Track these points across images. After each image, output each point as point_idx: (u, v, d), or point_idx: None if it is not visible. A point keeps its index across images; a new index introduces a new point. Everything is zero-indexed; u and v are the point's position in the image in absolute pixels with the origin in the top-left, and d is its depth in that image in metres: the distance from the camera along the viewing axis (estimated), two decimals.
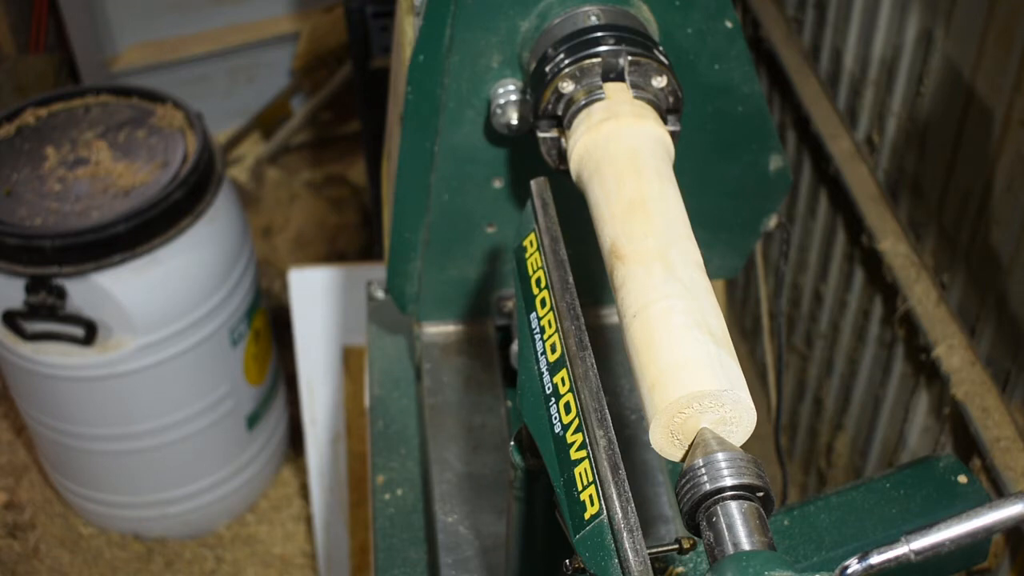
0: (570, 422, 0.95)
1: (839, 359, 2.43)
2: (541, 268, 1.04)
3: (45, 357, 2.59)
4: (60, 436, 2.84)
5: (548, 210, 1.08)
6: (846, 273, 2.36)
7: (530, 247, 1.08)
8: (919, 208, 2.06)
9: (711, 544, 0.85)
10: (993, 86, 1.76)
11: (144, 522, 3.08)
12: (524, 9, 1.26)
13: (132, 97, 2.76)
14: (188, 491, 3.00)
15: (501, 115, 1.31)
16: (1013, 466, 1.76)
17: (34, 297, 2.47)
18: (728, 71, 1.34)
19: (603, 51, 1.20)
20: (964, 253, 1.91)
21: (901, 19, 2.02)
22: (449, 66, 1.29)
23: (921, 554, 0.77)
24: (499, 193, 1.42)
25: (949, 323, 1.95)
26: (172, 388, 2.74)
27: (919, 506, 1.24)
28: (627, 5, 1.27)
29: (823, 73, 2.39)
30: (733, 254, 1.59)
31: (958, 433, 1.94)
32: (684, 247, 1.03)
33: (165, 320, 2.60)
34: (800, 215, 2.55)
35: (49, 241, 2.41)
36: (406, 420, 1.65)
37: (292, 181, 4.00)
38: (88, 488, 3.02)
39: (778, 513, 1.23)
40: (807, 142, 2.46)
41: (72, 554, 3.11)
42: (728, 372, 0.91)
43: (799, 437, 2.70)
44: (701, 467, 0.87)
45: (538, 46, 1.26)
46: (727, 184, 1.46)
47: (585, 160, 1.16)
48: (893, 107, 2.10)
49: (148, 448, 2.83)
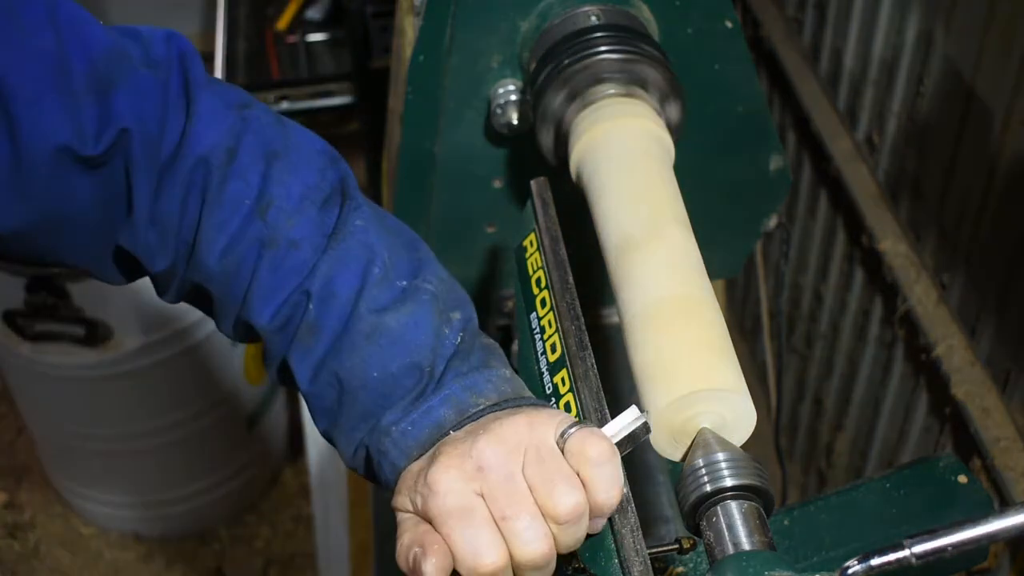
0: None
1: (839, 359, 2.43)
2: (541, 268, 1.04)
3: (45, 357, 2.59)
4: (60, 436, 2.84)
5: (548, 210, 1.08)
6: (846, 273, 2.36)
7: (530, 247, 1.08)
8: (919, 208, 2.06)
9: (711, 544, 0.85)
10: (993, 86, 1.76)
11: (144, 522, 3.08)
12: (524, 9, 1.27)
13: None
14: (188, 491, 3.00)
15: (501, 115, 1.31)
16: (1013, 466, 1.76)
17: (34, 297, 2.47)
18: (728, 71, 1.34)
19: (603, 51, 1.20)
20: (964, 253, 1.91)
21: (901, 19, 2.02)
22: (449, 66, 1.29)
23: (923, 558, 0.77)
24: (499, 193, 1.42)
25: (949, 323, 1.95)
26: (172, 388, 2.74)
27: (919, 506, 1.24)
28: (627, 5, 1.27)
29: (823, 73, 2.39)
30: (733, 254, 1.59)
31: (958, 433, 1.93)
32: (684, 247, 1.03)
33: (165, 320, 2.60)
34: (800, 215, 2.55)
35: None
36: None
37: None
38: (88, 488, 3.02)
39: (778, 513, 1.23)
40: (807, 142, 2.46)
41: (72, 554, 3.11)
42: (728, 372, 0.92)
43: (799, 437, 2.70)
44: (701, 467, 0.87)
45: (538, 46, 1.26)
46: (727, 184, 1.46)
47: (585, 160, 1.16)
48: (893, 107, 2.10)
49: (148, 448, 2.83)
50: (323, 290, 0.92)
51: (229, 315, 0.98)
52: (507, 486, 0.80)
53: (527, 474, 0.81)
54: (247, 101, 0.98)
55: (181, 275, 0.99)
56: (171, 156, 0.94)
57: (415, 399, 0.89)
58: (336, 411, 0.93)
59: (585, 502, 0.81)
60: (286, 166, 0.95)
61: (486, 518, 0.80)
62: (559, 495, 0.79)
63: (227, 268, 0.94)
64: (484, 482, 0.81)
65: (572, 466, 0.81)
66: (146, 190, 0.94)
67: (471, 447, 0.82)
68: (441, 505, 0.81)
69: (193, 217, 0.94)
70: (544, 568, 0.81)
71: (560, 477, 0.80)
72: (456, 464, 0.82)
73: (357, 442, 0.92)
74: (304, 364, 0.93)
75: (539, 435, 0.82)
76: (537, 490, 0.80)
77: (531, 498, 0.80)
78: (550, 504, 0.80)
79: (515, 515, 0.80)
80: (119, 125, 0.91)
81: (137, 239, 0.97)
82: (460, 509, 0.80)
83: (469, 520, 0.80)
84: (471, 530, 0.79)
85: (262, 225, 0.93)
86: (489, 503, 0.80)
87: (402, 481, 0.87)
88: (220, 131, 0.94)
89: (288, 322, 0.93)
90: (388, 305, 0.92)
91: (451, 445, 0.84)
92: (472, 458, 0.81)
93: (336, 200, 0.95)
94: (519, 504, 0.80)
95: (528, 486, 0.81)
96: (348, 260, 0.92)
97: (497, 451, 0.81)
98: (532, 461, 0.81)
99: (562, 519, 0.80)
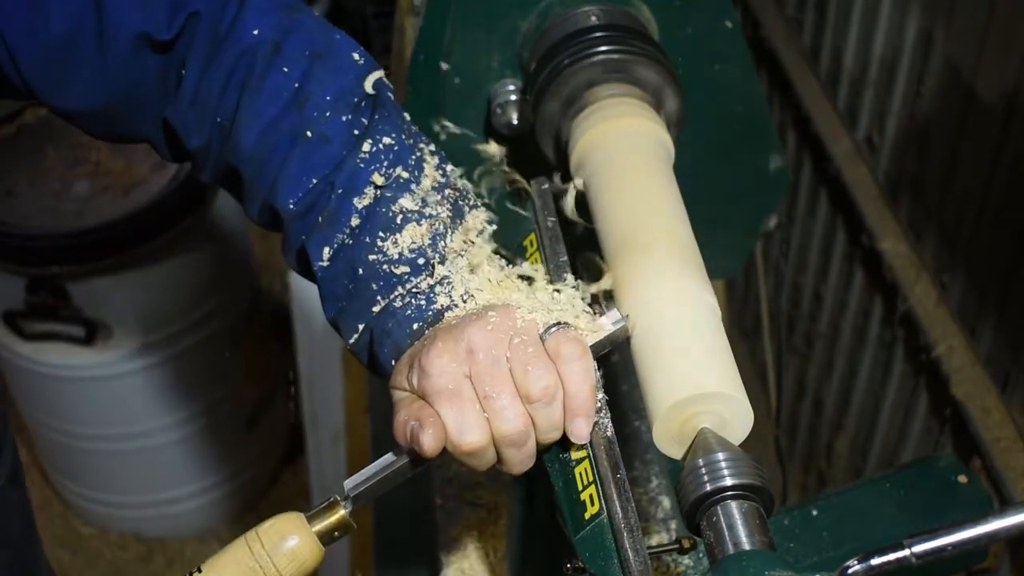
0: None
1: (839, 359, 2.43)
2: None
3: (45, 357, 2.59)
4: (60, 436, 2.84)
5: (548, 210, 1.08)
6: (846, 273, 2.36)
7: (530, 247, 1.08)
8: (919, 208, 2.06)
9: (711, 544, 0.85)
10: (993, 86, 1.76)
11: (144, 522, 3.08)
12: (524, 9, 1.27)
13: None
14: (188, 491, 3.00)
15: (501, 115, 1.31)
16: (1013, 466, 1.76)
17: (34, 297, 2.47)
18: (728, 71, 1.34)
19: (603, 51, 1.20)
20: (964, 253, 1.91)
21: (901, 19, 2.02)
22: (449, 66, 1.29)
23: (922, 558, 0.77)
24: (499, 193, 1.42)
25: (949, 323, 1.95)
26: (172, 388, 2.74)
27: (919, 506, 1.24)
28: (627, 5, 1.27)
29: (823, 73, 2.39)
30: (733, 254, 1.59)
31: (958, 433, 1.94)
32: (684, 247, 1.03)
33: (165, 320, 2.60)
34: (800, 215, 2.55)
35: (49, 241, 2.41)
36: None
37: None
38: (88, 488, 3.02)
39: (778, 513, 1.23)
40: (807, 142, 2.46)
41: (72, 554, 3.11)
42: (726, 373, 0.92)
43: (799, 437, 2.70)
44: (701, 467, 0.87)
45: (538, 46, 1.26)
46: (727, 184, 1.46)
47: (585, 160, 1.16)
48: (893, 107, 2.10)
49: (148, 448, 2.83)
50: (347, 183, 1.00)
51: (256, 198, 1.05)
52: (492, 369, 0.90)
53: (510, 358, 0.91)
54: (297, 4, 1.06)
55: (216, 154, 1.06)
56: (221, 40, 1.01)
57: (418, 285, 0.99)
58: (347, 296, 1.01)
59: (556, 384, 0.90)
60: (326, 67, 1.02)
61: (471, 399, 0.90)
62: (533, 377, 0.90)
63: (261, 152, 1.02)
64: (472, 364, 0.90)
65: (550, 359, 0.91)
66: (196, 70, 1.02)
67: (463, 331, 0.92)
68: (434, 385, 0.90)
69: (231, 102, 1.02)
70: (522, 446, 0.92)
71: (536, 362, 0.90)
72: (450, 348, 0.91)
73: (363, 326, 1.01)
74: (321, 250, 1.01)
75: (525, 326, 0.92)
76: (515, 372, 0.90)
77: (512, 380, 0.90)
78: (525, 384, 0.90)
79: (496, 395, 0.90)
80: (189, 9, 1.00)
81: (178, 114, 1.05)
82: (450, 390, 0.90)
83: (457, 401, 0.90)
84: (458, 410, 0.90)
85: (298, 117, 1.00)
86: (475, 383, 0.90)
87: (400, 362, 0.96)
88: (268, 24, 1.02)
89: (311, 209, 1.01)
90: (407, 206, 1.00)
91: (445, 330, 0.93)
92: (463, 342, 0.91)
93: (369, 105, 1.03)
94: (501, 385, 0.90)
95: (509, 369, 0.90)
96: (372, 161, 1.01)
97: (486, 337, 0.91)
98: (516, 347, 0.91)
99: (534, 398, 0.90)
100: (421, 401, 0.92)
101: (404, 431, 0.92)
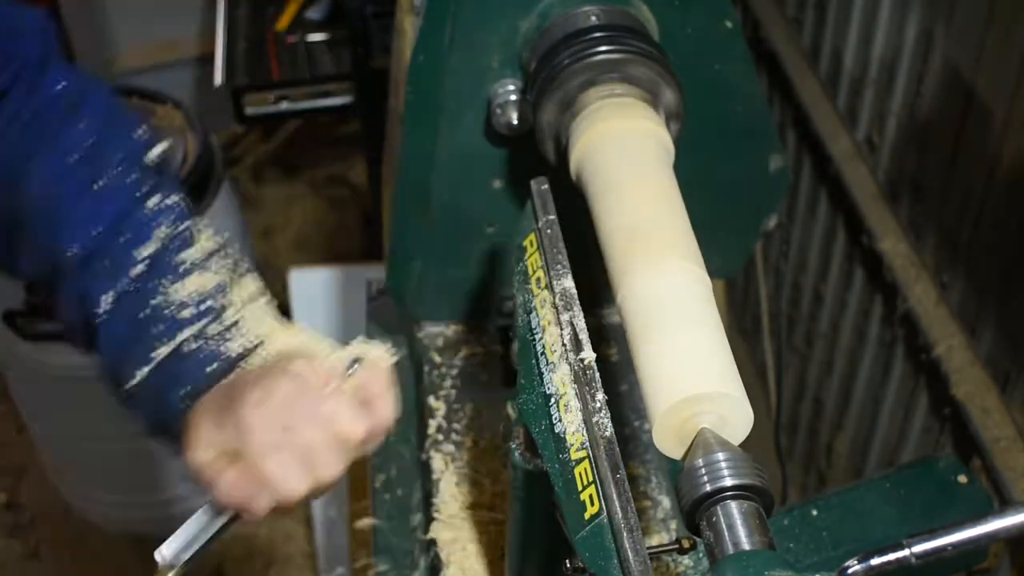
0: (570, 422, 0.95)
1: (839, 359, 2.43)
2: (541, 268, 1.04)
3: (45, 357, 2.59)
4: (60, 436, 2.84)
5: (548, 210, 1.08)
6: (846, 273, 2.36)
7: (530, 247, 1.08)
8: (919, 208, 2.06)
9: (711, 544, 0.85)
10: (993, 86, 1.76)
11: (144, 522, 3.08)
12: (524, 9, 1.26)
13: (132, 97, 2.76)
14: (188, 491, 3.00)
15: (501, 115, 1.31)
16: (1013, 466, 1.76)
17: (34, 297, 2.47)
18: (728, 71, 1.34)
19: (603, 51, 1.20)
20: (964, 253, 1.91)
21: (901, 19, 2.02)
22: (449, 66, 1.29)
23: (922, 558, 0.77)
24: (499, 193, 1.42)
25: (949, 323, 1.95)
26: None
27: (919, 506, 1.24)
28: (627, 5, 1.27)
29: (823, 73, 2.39)
30: (733, 254, 1.59)
31: (958, 433, 1.94)
32: (684, 246, 1.03)
33: None
34: (800, 215, 2.55)
35: None
36: (406, 420, 1.65)
37: (292, 181, 4.00)
38: (88, 488, 3.02)
39: (778, 513, 1.23)
40: (807, 142, 2.46)
41: (72, 554, 3.11)
42: (726, 373, 0.92)
43: (799, 437, 2.70)
44: (701, 467, 0.87)
45: (538, 46, 1.26)
46: (727, 184, 1.46)
47: (585, 160, 1.16)
48: (893, 107, 2.10)
49: (148, 448, 2.83)
50: (133, 232, 1.04)
51: (34, 249, 1.07)
52: (310, 418, 0.94)
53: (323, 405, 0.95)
54: (94, 78, 1.14)
55: None
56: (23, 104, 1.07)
57: (206, 330, 1.02)
58: (128, 341, 1.03)
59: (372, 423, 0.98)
60: (119, 131, 1.09)
61: (294, 450, 0.93)
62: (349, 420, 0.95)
63: (49, 200, 1.05)
64: (289, 415, 0.94)
65: None
66: None
67: (275, 382, 0.95)
68: (259, 440, 0.93)
69: (27, 151, 1.06)
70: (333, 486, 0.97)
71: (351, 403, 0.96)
72: (264, 401, 0.94)
73: (143, 372, 1.03)
74: (102, 296, 1.03)
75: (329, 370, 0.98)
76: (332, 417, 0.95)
77: (330, 426, 0.94)
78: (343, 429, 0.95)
79: (317, 444, 0.94)
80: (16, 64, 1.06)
81: None
82: (274, 444, 0.93)
83: (284, 455, 0.93)
84: (285, 465, 0.93)
85: (90, 169, 1.05)
86: (294, 434, 0.93)
87: (200, 418, 0.98)
88: (70, 84, 1.08)
89: (94, 255, 1.04)
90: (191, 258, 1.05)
91: (253, 382, 0.96)
92: (278, 394, 0.94)
93: (154, 170, 1.09)
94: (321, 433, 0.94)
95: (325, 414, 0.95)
96: (158, 214, 1.06)
97: (299, 387, 0.95)
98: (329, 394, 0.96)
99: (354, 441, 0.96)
100: (245, 463, 0.94)
101: (238, 496, 0.94)
